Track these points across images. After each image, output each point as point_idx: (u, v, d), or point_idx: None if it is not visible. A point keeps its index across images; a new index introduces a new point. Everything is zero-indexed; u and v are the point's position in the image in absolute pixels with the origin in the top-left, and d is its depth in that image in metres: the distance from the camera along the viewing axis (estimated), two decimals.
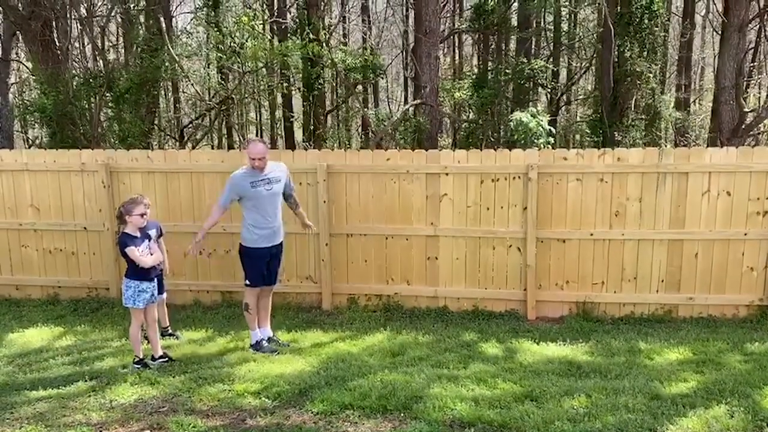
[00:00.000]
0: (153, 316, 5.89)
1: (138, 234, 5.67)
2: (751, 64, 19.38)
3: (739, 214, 6.94)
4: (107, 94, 13.47)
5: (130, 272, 5.68)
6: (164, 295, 6.64)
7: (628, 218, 7.09)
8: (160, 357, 5.83)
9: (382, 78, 18.90)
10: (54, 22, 13.72)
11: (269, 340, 6.31)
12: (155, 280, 5.82)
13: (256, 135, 27.08)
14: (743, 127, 13.31)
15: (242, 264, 6.24)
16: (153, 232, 6.23)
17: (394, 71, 28.12)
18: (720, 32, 15.06)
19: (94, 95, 13.49)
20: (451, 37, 22.14)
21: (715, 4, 20.31)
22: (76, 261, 8.07)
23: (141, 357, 5.74)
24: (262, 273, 6.17)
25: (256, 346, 6.16)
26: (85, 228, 7.95)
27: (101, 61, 15.16)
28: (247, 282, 6.17)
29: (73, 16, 14.51)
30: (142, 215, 5.63)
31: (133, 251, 5.55)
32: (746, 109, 14.35)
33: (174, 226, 7.72)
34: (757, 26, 17.85)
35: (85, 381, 5.39)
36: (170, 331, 6.67)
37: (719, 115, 13.42)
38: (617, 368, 5.52)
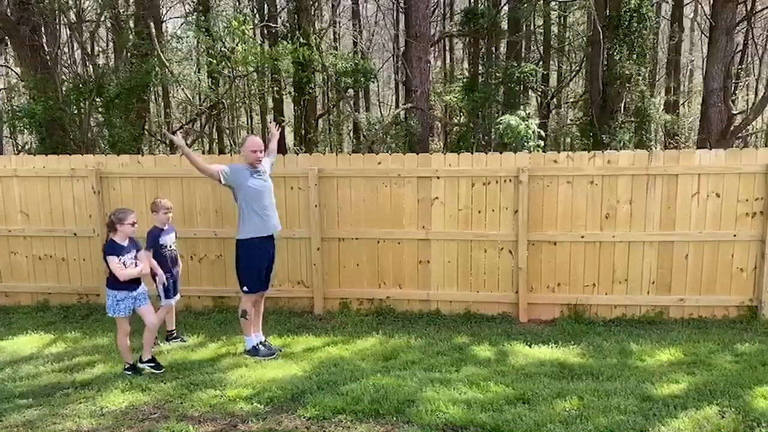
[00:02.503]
0: (151, 320, 5.70)
1: (125, 243, 5.57)
2: (739, 67, 19.54)
3: (728, 215, 6.99)
4: (97, 100, 13.40)
5: (109, 281, 5.56)
6: (177, 297, 6.64)
7: (619, 220, 7.13)
8: (149, 361, 5.76)
9: (373, 82, 18.89)
10: (43, 27, 13.65)
11: (261, 344, 6.29)
12: (137, 289, 5.64)
13: None
14: (732, 129, 13.42)
15: (239, 270, 6.13)
16: (171, 237, 6.42)
17: (385, 75, 28.19)
18: (708, 35, 15.18)
19: (84, 100, 13.41)
20: (442, 40, 22.22)
21: (703, 7, 20.48)
22: (66, 267, 8.02)
23: (131, 363, 5.69)
24: (260, 277, 6.13)
25: (253, 351, 6.12)
26: (75, 234, 7.91)
27: (91, 67, 15.11)
28: (245, 289, 6.11)
29: (62, 21, 14.44)
30: (133, 224, 5.56)
31: (112, 261, 5.44)
32: (734, 112, 14.47)
33: None
34: (745, 29, 18.02)
35: (76, 388, 5.36)
36: (175, 335, 6.66)
37: (708, 118, 13.52)
38: (609, 370, 5.53)
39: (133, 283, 5.62)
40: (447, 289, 7.50)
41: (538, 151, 9.40)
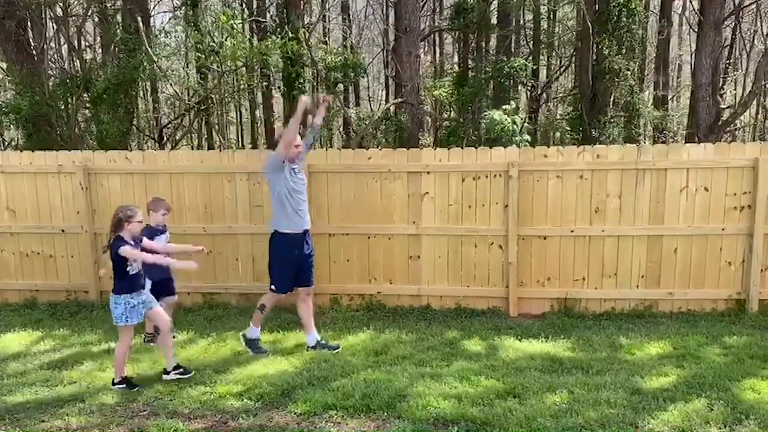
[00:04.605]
0: (165, 319, 5.41)
1: (132, 242, 5.28)
2: (727, 61, 19.65)
3: (716, 209, 7.03)
4: (84, 95, 13.29)
5: (118, 287, 5.22)
6: (175, 298, 6.56)
7: (608, 215, 7.15)
8: (175, 368, 5.42)
9: (363, 77, 18.85)
10: (29, 22, 13.51)
11: (318, 343, 6.16)
12: (146, 288, 5.43)
13: (237, 135, 26.95)
14: (720, 123, 13.49)
15: (271, 267, 6.01)
16: (163, 238, 6.27)
17: (374, 70, 28.10)
18: (696, 30, 15.25)
19: (71, 96, 13.30)
20: (432, 35, 22.18)
21: (691, 2, 20.57)
22: (53, 264, 7.95)
23: (124, 376, 5.30)
24: (291, 278, 6.01)
25: (251, 343, 6.05)
26: (62, 230, 7.84)
27: (78, 62, 14.97)
28: (273, 287, 6.00)
29: (48, 16, 14.29)
30: (140, 222, 5.34)
31: (127, 249, 5.10)
32: (723, 106, 14.56)
33: None
34: (733, 23, 18.12)
35: (64, 386, 5.32)
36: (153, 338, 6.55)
37: (696, 112, 13.59)
38: (599, 364, 5.56)
39: (143, 281, 5.38)
40: (437, 284, 7.50)
41: (525, 145, 9.41)
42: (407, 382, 5.14)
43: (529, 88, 19.56)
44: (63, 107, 13.35)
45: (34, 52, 13.45)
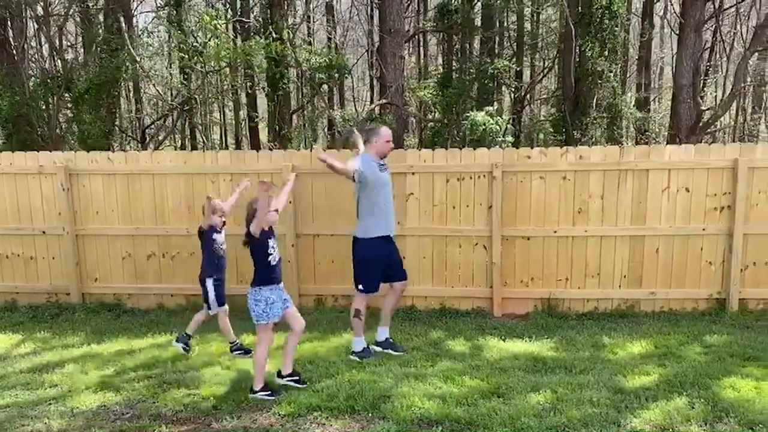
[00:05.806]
0: (301, 321, 5.26)
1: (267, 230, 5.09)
2: (708, 64, 19.87)
3: (697, 209, 7.10)
4: (66, 95, 13.17)
5: (259, 278, 5.02)
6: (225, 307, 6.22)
7: (591, 215, 7.20)
8: (289, 375, 5.17)
9: (348, 78, 18.84)
10: (9, 21, 13.36)
11: (386, 341, 6.09)
12: (282, 284, 5.21)
13: (220, 136, 26.82)
14: (701, 124, 13.63)
15: (356, 269, 5.89)
16: (222, 236, 6.10)
17: (359, 71, 28.13)
18: (677, 32, 15.42)
19: (52, 96, 13.17)
20: (416, 36, 22.21)
21: (672, 4, 20.80)
22: (34, 266, 7.86)
23: (263, 384, 5.01)
24: (378, 278, 5.91)
25: (362, 354, 5.88)
26: (43, 232, 7.76)
27: (59, 61, 14.82)
28: (360, 288, 5.88)
29: (29, 15, 14.14)
30: (277, 210, 5.20)
31: (263, 219, 4.87)
32: (703, 108, 14.71)
33: (136, 230, 7.62)
34: (713, 26, 18.34)
35: (45, 389, 5.27)
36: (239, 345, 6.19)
37: (677, 114, 13.71)
38: (582, 363, 5.60)
39: (281, 276, 5.19)
40: (422, 285, 7.51)
41: (508, 146, 9.47)
42: (392, 382, 5.15)
43: (512, 89, 19.68)
44: (44, 107, 13.23)
45: (14, 51, 13.30)
